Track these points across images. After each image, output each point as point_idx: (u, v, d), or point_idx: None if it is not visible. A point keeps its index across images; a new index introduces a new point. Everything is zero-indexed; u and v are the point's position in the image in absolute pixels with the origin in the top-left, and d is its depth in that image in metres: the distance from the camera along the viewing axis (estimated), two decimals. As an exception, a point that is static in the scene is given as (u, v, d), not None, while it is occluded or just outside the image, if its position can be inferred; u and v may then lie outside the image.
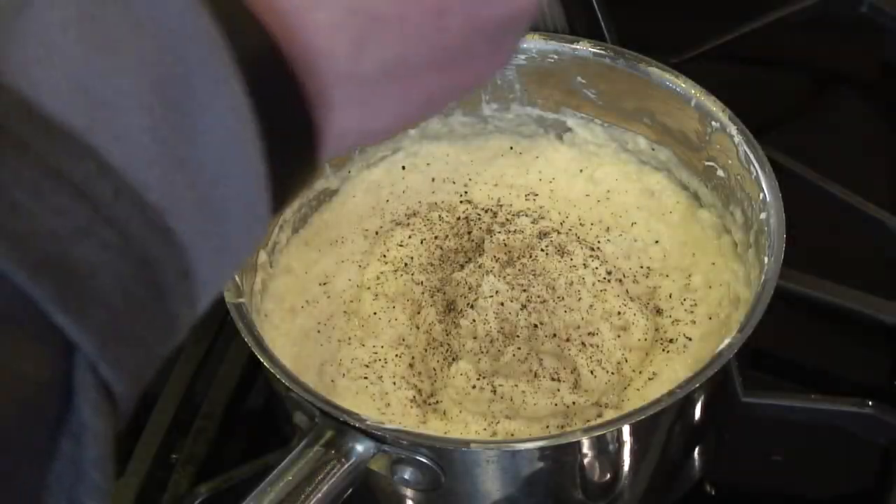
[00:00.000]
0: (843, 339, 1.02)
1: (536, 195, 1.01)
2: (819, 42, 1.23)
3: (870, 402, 0.89)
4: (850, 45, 1.23)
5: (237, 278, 0.87)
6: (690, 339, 0.90)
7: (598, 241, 0.95)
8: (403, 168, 1.04)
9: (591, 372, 0.87)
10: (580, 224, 0.99)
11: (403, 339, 0.92)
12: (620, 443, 0.82)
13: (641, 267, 0.95)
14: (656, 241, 0.97)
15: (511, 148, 1.05)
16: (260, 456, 0.91)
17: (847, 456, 0.96)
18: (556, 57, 0.99)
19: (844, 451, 0.95)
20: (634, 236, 0.96)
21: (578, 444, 0.80)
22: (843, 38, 1.23)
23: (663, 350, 0.90)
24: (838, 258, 1.08)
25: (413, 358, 0.91)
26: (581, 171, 1.02)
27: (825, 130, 1.19)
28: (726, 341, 0.81)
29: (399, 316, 0.93)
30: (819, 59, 1.23)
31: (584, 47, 0.98)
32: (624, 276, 0.93)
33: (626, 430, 0.81)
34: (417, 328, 0.92)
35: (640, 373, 0.89)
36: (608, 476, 0.84)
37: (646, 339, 0.90)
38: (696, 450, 0.91)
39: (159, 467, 0.94)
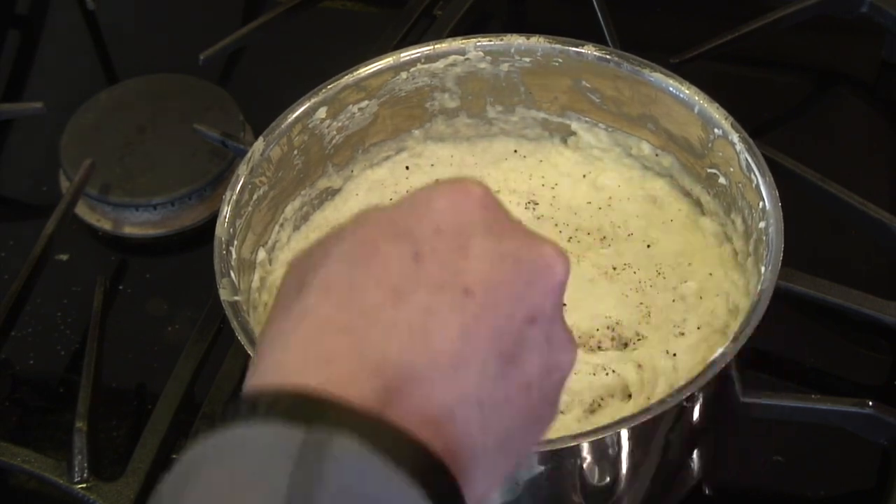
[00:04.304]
0: (843, 339, 1.02)
1: (537, 204, 1.00)
2: (819, 42, 1.23)
3: (870, 402, 0.89)
4: (850, 45, 1.23)
5: (233, 276, 0.87)
6: (687, 347, 0.90)
7: (598, 248, 0.95)
8: (407, 168, 1.03)
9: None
10: (578, 232, 0.98)
11: (404, 340, 0.92)
12: (619, 447, 0.82)
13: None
14: (656, 249, 0.96)
15: (515, 151, 1.04)
16: (260, 456, 0.91)
17: (847, 456, 0.95)
18: (560, 60, 0.98)
19: (844, 451, 0.95)
20: (634, 244, 0.96)
21: (577, 448, 0.80)
22: (843, 38, 1.23)
23: (661, 356, 0.90)
24: (838, 258, 1.08)
25: (413, 359, 0.91)
26: (584, 176, 1.02)
27: (825, 130, 1.18)
28: (719, 351, 0.81)
29: (400, 316, 0.92)
30: (819, 59, 1.23)
31: (589, 51, 0.97)
32: (623, 282, 0.93)
33: (624, 434, 0.81)
34: (418, 329, 0.91)
35: (639, 377, 0.89)
36: (607, 480, 0.84)
37: (643, 345, 0.90)
38: (696, 451, 0.91)
39: (159, 467, 0.94)
